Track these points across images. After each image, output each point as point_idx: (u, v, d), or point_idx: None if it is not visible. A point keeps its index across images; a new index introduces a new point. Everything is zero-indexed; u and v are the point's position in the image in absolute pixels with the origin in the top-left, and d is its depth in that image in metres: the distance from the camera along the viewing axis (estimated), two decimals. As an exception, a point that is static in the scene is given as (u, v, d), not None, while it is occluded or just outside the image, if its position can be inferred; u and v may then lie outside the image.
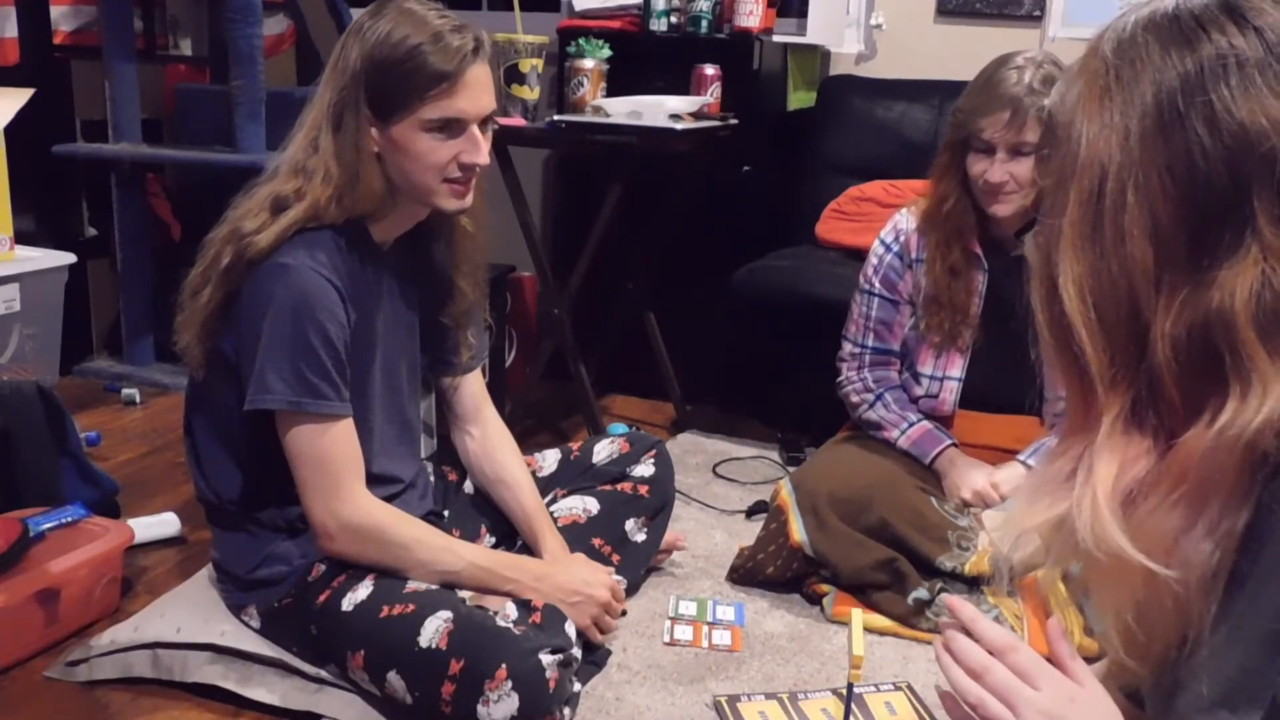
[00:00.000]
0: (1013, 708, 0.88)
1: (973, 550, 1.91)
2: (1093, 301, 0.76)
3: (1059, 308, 0.78)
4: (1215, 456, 0.72)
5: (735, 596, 2.01)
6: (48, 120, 3.04)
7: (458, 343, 1.85)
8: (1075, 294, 0.77)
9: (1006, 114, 1.86)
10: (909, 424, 2.08)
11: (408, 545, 1.62)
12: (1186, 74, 0.73)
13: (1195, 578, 0.74)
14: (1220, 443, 0.72)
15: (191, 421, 1.71)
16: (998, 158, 1.89)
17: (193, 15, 3.53)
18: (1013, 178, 1.90)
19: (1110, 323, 0.76)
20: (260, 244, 1.53)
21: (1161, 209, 0.74)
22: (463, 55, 1.54)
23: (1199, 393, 0.74)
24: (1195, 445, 0.73)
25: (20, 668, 1.71)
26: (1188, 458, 0.74)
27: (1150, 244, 0.74)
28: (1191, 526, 0.74)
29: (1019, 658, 0.91)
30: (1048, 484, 0.82)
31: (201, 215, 1.73)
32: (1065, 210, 0.78)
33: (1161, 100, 0.74)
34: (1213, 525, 0.73)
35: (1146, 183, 0.74)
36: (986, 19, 3.12)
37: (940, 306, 2.03)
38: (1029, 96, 1.84)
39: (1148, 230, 0.74)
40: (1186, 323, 0.73)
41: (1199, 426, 0.73)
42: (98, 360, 3.32)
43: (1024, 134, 1.86)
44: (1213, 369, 0.73)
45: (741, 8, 2.96)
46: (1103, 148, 0.76)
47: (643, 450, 2.00)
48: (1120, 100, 0.75)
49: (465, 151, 1.58)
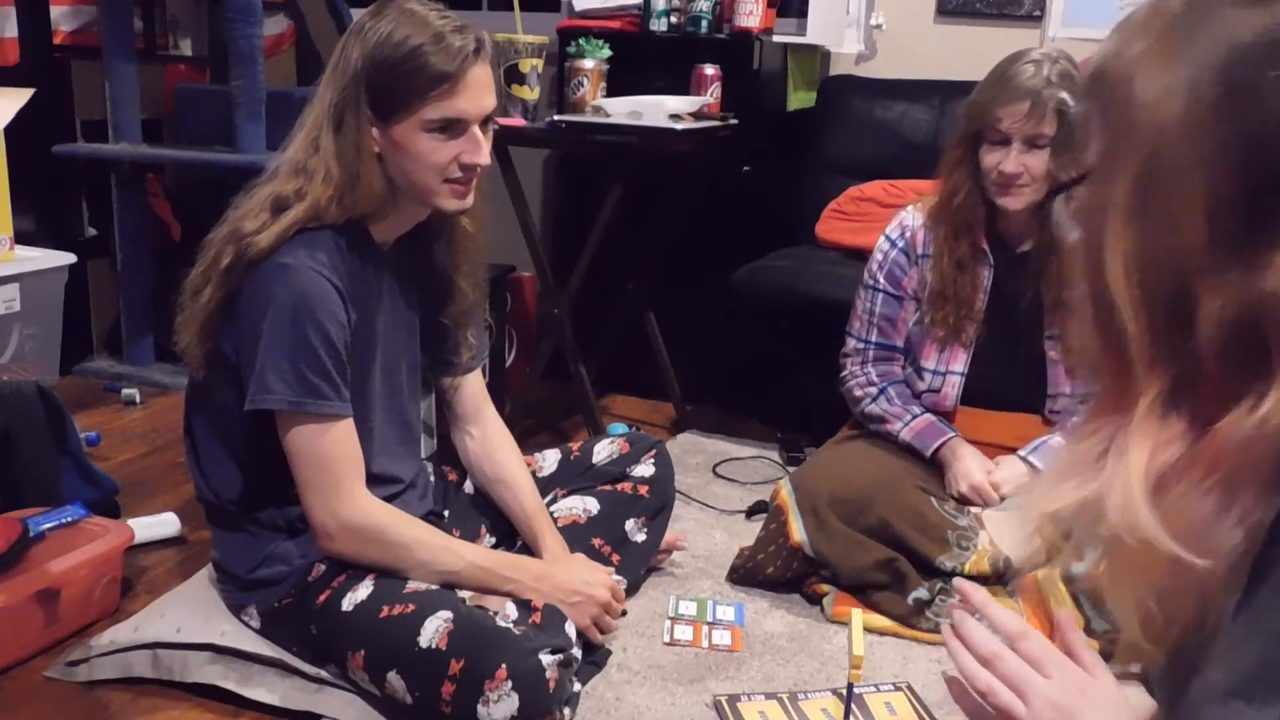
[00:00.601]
0: (1023, 696, 0.86)
1: (973, 550, 1.91)
2: (1139, 278, 0.73)
3: (1103, 281, 0.74)
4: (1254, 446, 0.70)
5: (735, 596, 2.01)
6: (48, 120, 3.04)
7: (458, 343, 1.85)
8: (1122, 268, 0.73)
9: (1026, 105, 1.87)
10: (912, 416, 2.08)
11: (408, 545, 1.62)
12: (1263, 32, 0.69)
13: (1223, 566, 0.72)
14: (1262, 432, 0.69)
15: (191, 421, 1.71)
16: (1013, 149, 1.90)
17: (193, 15, 3.53)
18: (1027, 170, 1.90)
19: (1156, 300, 0.73)
20: (260, 244, 1.53)
21: (1222, 186, 0.70)
22: (464, 56, 1.54)
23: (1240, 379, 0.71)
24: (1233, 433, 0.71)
25: (20, 668, 1.71)
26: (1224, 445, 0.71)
27: (1205, 221, 0.70)
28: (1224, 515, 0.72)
29: (1030, 645, 0.89)
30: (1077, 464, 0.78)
31: (201, 215, 1.73)
32: (1116, 178, 0.74)
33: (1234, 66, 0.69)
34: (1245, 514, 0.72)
35: (1208, 156, 0.70)
36: (986, 19, 3.12)
37: (945, 300, 2.03)
38: (1047, 89, 1.86)
39: (1204, 207, 0.70)
40: (1235, 306, 0.70)
41: (1238, 413, 0.71)
42: (98, 360, 3.32)
43: (1042, 126, 1.88)
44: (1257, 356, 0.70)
45: (741, 8, 2.96)
46: (1164, 113, 0.71)
47: (643, 450, 2.00)
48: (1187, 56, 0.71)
49: (466, 152, 1.59)
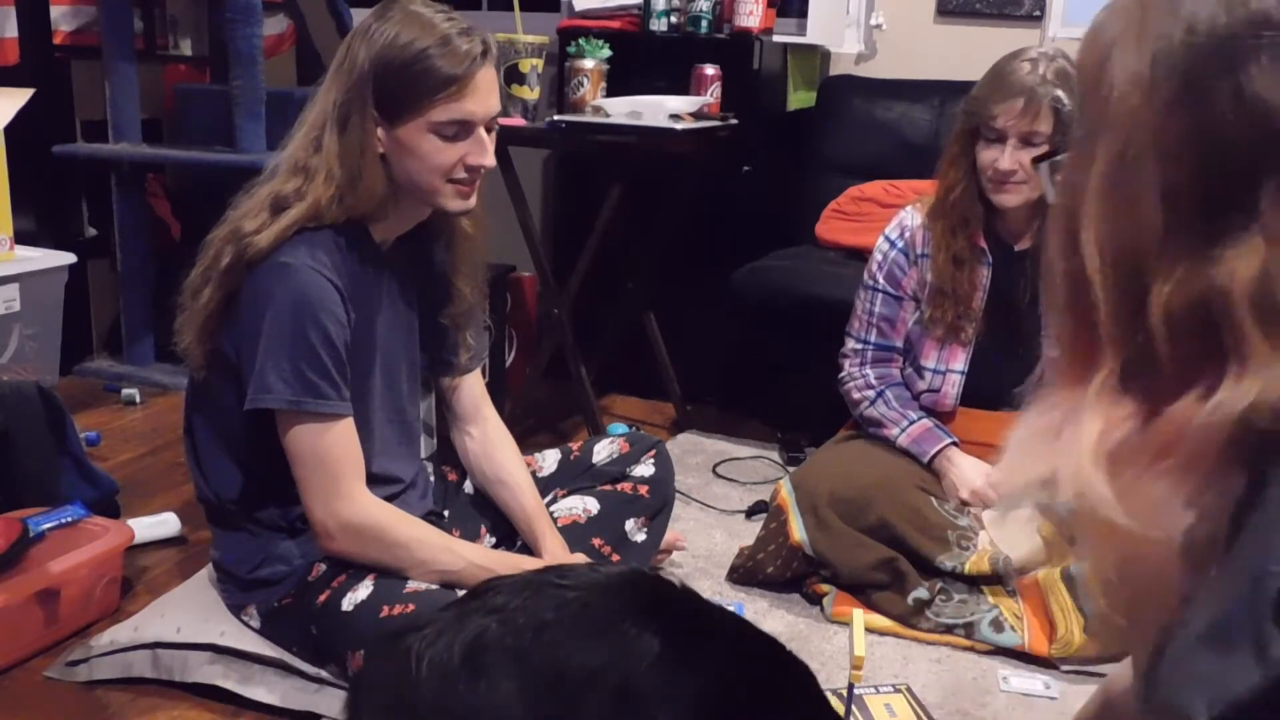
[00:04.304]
0: None
1: (973, 550, 1.91)
2: (1110, 258, 0.77)
3: (1078, 259, 0.78)
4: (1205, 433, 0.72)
5: (735, 596, 2.01)
6: (48, 120, 3.04)
7: (457, 343, 1.85)
8: (1094, 248, 0.77)
9: (1020, 102, 1.88)
10: (909, 421, 2.08)
11: (408, 545, 1.62)
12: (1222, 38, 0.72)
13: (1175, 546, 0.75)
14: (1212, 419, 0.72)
15: (192, 421, 1.71)
16: (1009, 146, 1.91)
17: (193, 15, 3.53)
18: (1022, 167, 1.91)
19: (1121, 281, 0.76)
20: (260, 244, 1.53)
21: (1178, 177, 0.73)
22: (472, 59, 1.55)
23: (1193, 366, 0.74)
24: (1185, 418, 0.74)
25: (20, 668, 1.71)
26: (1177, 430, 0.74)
27: (1162, 210, 0.74)
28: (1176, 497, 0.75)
29: None
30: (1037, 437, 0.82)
31: (201, 215, 1.73)
32: (1092, 160, 0.77)
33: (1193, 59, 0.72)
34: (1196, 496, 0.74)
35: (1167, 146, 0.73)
36: (986, 19, 3.13)
37: (944, 298, 2.03)
38: (1042, 86, 1.87)
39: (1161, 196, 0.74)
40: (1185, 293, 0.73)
41: (1189, 400, 0.74)
42: (98, 360, 3.32)
43: (1037, 123, 1.88)
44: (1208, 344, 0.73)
45: (741, 8, 2.96)
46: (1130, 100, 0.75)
47: (643, 450, 2.00)
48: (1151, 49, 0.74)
49: (472, 153, 1.59)
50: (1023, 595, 1.89)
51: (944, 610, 1.89)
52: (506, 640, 1.22)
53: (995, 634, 1.86)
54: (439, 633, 1.24)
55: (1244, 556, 0.71)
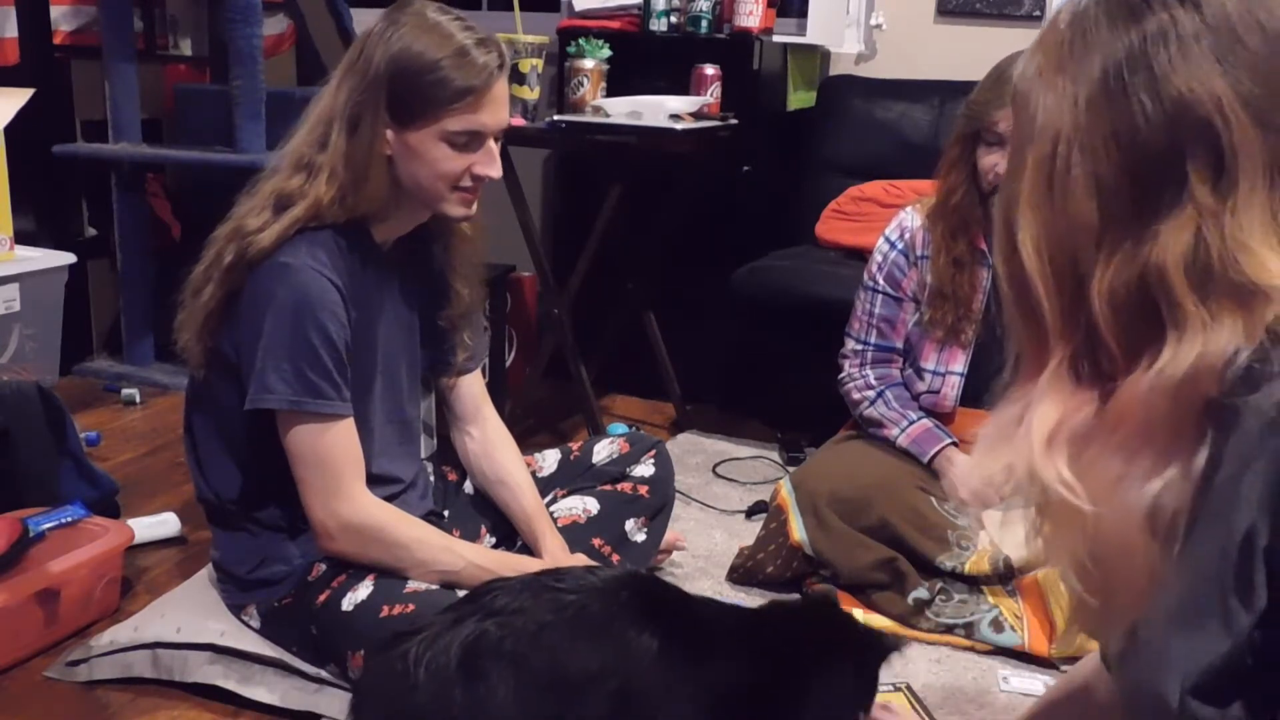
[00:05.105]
0: None
1: (973, 550, 1.91)
2: (1048, 256, 0.83)
3: (1018, 261, 0.84)
4: (1152, 400, 0.77)
5: (735, 596, 2.01)
6: (48, 120, 3.04)
7: (455, 344, 1.85)
8: (1032, 249, 0.83)
9: None
10: (909, 422, 2.08)
11: (408, 545, 1.62)
12: (1131, 46, 0.79)
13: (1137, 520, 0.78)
14: (1157, 385, 0.76)
15: (191, 421, 1.71)
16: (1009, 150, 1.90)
17: (193, 15, 3.53)
18: None
19: (1061, 276, 0.82)
20: (262, 243, 1.53)
21: (1106, 171, 0.79)
22: (489, 72, 1.56)
23: (1137, 343, 0.79)
24: (1133, 390, 0.78)
25: (20, 668, 1.71)
26: (1127, 402, 0.79)
27: (1095, 203, 0.80)
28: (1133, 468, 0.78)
29: None
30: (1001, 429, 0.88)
31: (201, 215, 1.73)
32: (1023, 173, 0.84)
33: (1108, 70, 0.79)
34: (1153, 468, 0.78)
35: (1093, 146, 0.80)
36: (986, 19, 3.12)
37: (944, 300, 2.03)
38: None
39: (1093, 190, 0.80)
40: (1124, 276, 0.79)
41: (1138, 372, 0.78)
42: (98, 360, 3.32)
43: None
44: (1150, 320, 0.78)
45: (741, 8, 2.97)
46: (1055, 115, 0.82)
47: (643, 450, 2.00)
48: (1072, 70, 0.81)
49: (480, 163, 1.60)
50: (1023, 595, 1.89)
51: (944, 610, 1.89)
52: (505, 644, 1.23)
53: (995, 634, 1.86)
54: (436, 636, 1.24)
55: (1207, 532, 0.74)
